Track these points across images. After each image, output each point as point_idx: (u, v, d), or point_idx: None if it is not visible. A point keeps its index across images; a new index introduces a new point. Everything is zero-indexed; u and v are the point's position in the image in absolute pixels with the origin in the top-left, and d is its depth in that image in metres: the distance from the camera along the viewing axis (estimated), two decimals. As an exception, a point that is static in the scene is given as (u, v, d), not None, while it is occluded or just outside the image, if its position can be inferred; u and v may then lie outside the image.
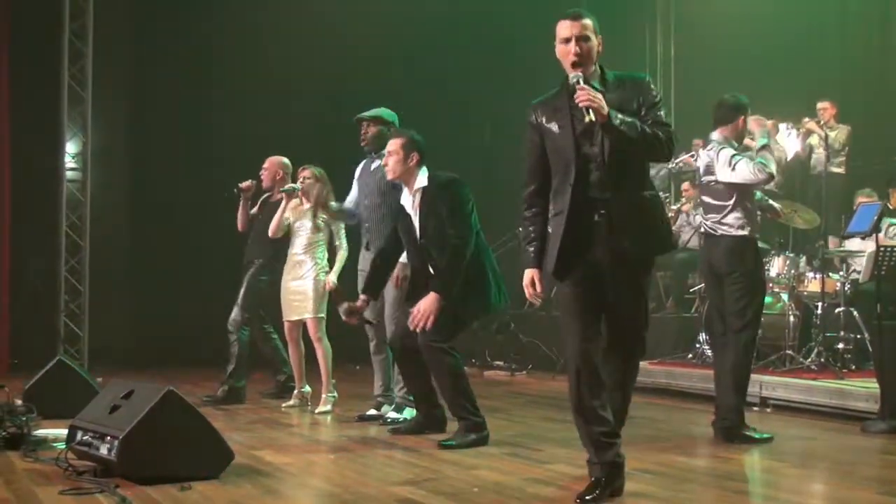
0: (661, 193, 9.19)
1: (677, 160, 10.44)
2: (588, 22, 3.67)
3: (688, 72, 11.27)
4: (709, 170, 5.24)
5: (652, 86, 3.72)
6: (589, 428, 3.62)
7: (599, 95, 3.47)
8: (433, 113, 9.12)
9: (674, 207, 9.55)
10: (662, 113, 3.68)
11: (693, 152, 10.27)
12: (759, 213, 5.41)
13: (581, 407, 3.59)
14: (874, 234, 6.05)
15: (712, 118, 5.32)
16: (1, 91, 9.12)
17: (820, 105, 8.53)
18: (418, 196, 5.13)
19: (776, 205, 5.92)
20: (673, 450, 4.80)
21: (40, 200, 9.26)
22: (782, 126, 9.07)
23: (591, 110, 3.42)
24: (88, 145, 9.41)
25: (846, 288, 7.14)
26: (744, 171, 5.07)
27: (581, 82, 3.49)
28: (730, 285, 5.15)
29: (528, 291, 3.78)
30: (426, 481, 4.02)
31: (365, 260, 5.95)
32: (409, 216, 5.17)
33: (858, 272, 7.23)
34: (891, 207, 7.77)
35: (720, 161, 5.15)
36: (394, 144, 5.20)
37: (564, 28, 3.66)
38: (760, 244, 5.50)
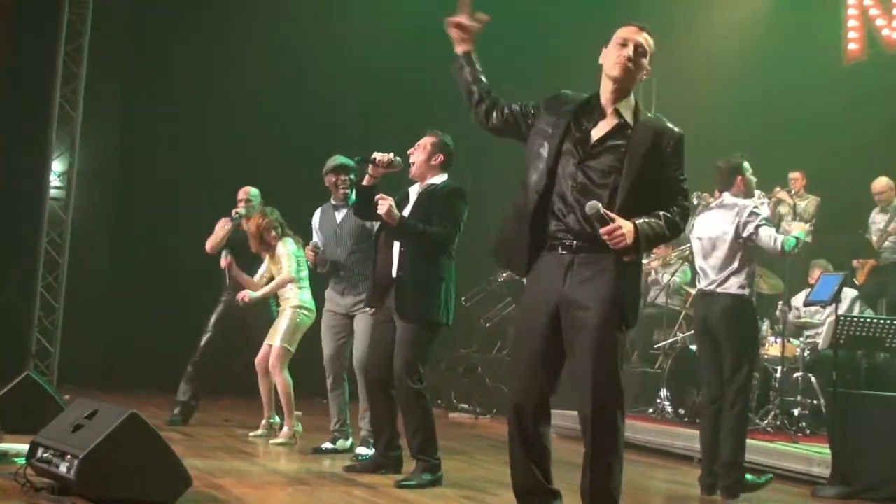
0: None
1: None
2: (652, 41, 3.41)
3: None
4: (714, 228, 5.31)
5: (681, 143, 3.38)
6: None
7: None
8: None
9: (644, 262, 9.68)
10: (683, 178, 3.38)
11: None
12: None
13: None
14: (834, 304, 6.22)
15: (716, 183, 5.56)
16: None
17: (791, 175, 8.72)
18: (423, 188, 5.19)
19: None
20: None
21: (22, 217, 9.29)
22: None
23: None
24: (75, 165, 9.48)
25: (805, 354, 7.30)
26: (766, 239, 5.20)
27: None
28: (727, 351, 5.17)
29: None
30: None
31: (332, 302, 6.04)
32: (403, 206, 5.15)
33: (816, 339, 7.40)
34: (857, 283, 7.93)
35: (750, 220, 5.23)
36: (425, 140, 5.23)
37: (629, 31, 3.39)
38: None
